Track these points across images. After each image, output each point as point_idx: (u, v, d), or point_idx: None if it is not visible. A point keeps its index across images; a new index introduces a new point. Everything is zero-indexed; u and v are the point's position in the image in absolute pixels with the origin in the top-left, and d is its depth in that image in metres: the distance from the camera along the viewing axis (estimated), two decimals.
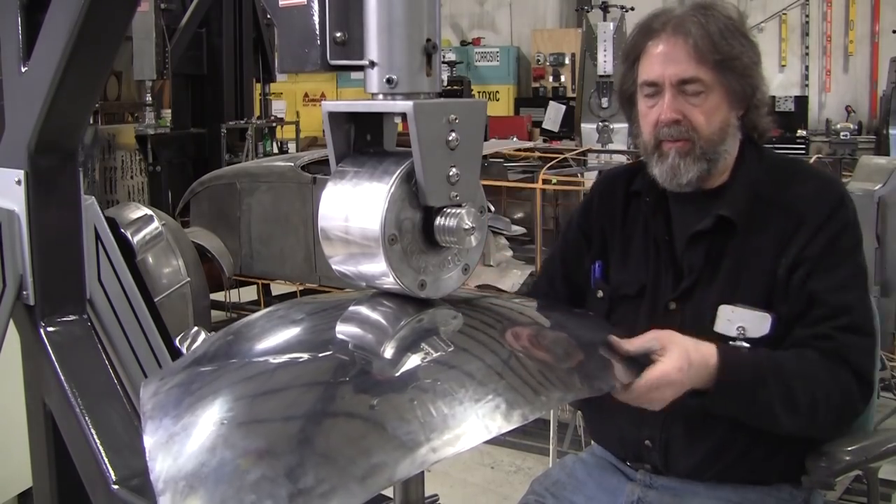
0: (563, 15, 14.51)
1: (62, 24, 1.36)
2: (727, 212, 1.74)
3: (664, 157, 1.76)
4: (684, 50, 1.71)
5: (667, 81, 1.73)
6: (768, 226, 1.73)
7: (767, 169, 1.80)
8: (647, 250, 1.85)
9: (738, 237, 1.74)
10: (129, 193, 7.82)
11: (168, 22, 8.07)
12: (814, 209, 1.71)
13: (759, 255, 1.72)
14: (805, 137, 12.22)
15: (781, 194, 1.75)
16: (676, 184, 1.76)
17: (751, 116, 1.79)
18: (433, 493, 1.29)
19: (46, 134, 1.46)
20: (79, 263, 1.55)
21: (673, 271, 1.80)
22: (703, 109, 1.72)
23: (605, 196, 1.96)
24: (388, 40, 1.07)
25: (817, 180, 1.79)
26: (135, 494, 1.35)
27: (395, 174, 1.09)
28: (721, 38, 1.71)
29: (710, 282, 1.75)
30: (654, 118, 1.76)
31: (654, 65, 1.75)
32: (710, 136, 1.73)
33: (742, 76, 1.73)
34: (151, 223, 1.72)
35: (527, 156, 6.74)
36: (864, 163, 4.62)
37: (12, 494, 2.72)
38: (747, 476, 1.76)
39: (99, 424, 1.43)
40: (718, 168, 1.77)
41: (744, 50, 1.73)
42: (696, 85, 1.72)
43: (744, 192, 1.76)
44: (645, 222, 1.86)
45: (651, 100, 1.77)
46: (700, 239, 1.77)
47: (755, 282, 1.71)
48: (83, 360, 1.51)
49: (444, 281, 1.16)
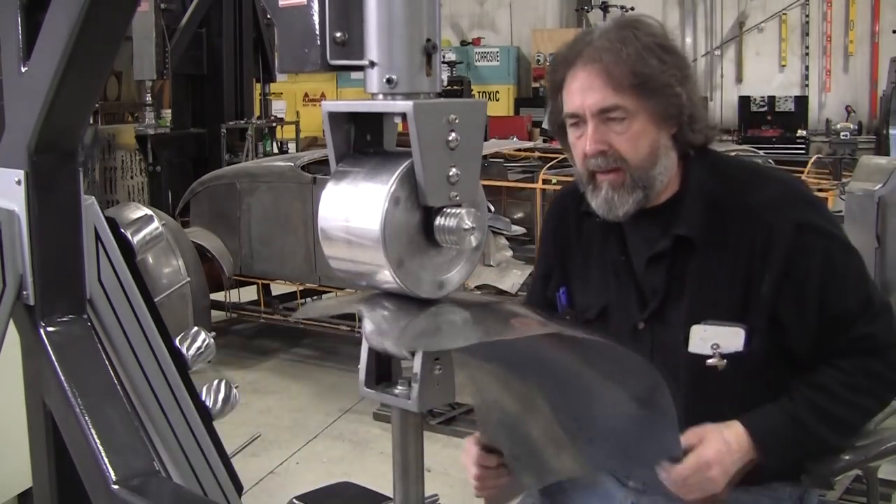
0: (563, 15, 14.52)
1: (62, 24, 1.36)
2: (684, 230, 1.72)
3: (598, 190, 1.73)
4: (600, 79, 1.67)
5: (587, 112, 1.69)
6: (731, 237, 1.70)
7: (720, 177, 1.76)
8: (606, 271, 1.83)
9: (699, 254, 1.72)
10: (129, 193, 7.83)
11: (168, 22, 8.08)
12: (782, 217, 1.68)
13: (728, 269, 1.70)
14: (805, 137, 12.23)
15: (740, 201, 1.72)
16: (614, 216, 1.74)
17: (683, 133, 1.73)
18: (433, 493, 1.29)
19: (46, 134, 1.46)
20: (79, 263, 1.55)
21: (636, 292, 1.79)
22: (627, 136, 1.69)
23: (558, 218, 1.95)
24: (388, 40, 1.07)
25: (777, 183, 1.76)
26: (135, 494, 1.34)
27: (395, 174, 1.09)
28: (638, 60, 1.66)
29: (677, 301, 1.73)
30: (581, 150, 1.73)
31: (573, 95, 1.71)
32: (639, 164, 1.70)
33: (664, 95, 1.68)
34: (151, 223, 1.72)
35: (527, 156, 6.75)
36: (864, 163, 4.62)
37: (12, 494, 2.72)
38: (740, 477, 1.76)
39: (99, 424, 1.42)
40: (656, 190, 1.74)
41: (665, 68, 1.67)
42: (616, 112, 1.68)
43: (698, 206, 1.73)
44: (600, 245, 1.84)
45: (577, 129, 1.74)
46: (659, 260, 1.75)
47: (725, 297, 1.70)
48: (83, 360, 1.51)
49: (444, 281, 1.16)
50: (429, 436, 4.19)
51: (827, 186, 5.14)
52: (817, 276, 1.68)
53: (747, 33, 13.79)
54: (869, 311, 1.70)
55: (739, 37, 13.81)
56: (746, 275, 1.69)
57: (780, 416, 1.68)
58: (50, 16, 1.39)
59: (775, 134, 12.39)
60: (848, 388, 1.68)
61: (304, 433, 4.59)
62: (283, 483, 3.99)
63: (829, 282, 1.69)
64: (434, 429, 4.44)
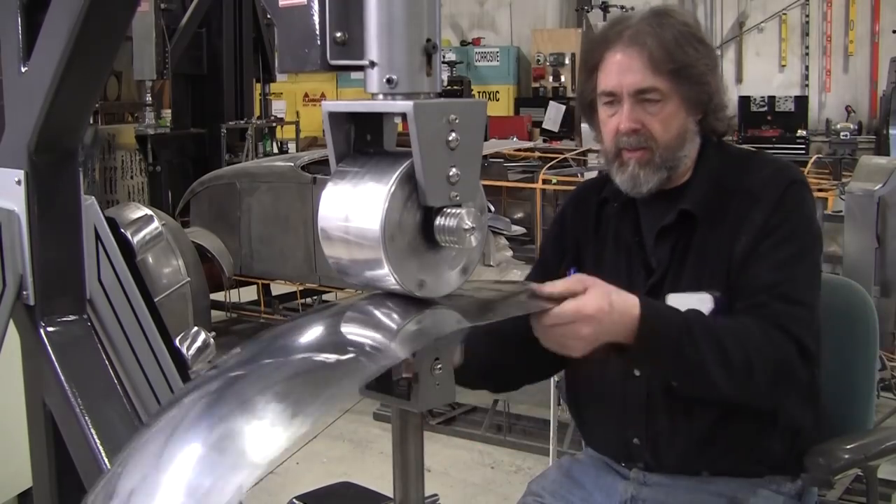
0: (563, 15, 14.51)
1: (62, 24, 1.36)
2: (688, 205, 1.79)
3: (625, 167, 1.79)
4: (640, 60, 1.74)
5: (624, 91, 1.76)
6: (727, 214, 1.77)
7: (727, 161, 1.84)
8: (620, 254, 1.88)
9: (700, 229, 1.78)
10: (129, 193, 7.83)
11: (168, 22, 8.06)
12: (768, 191, 1.75)
13: (719, 242, 1.76)
14: (805, 137, 12.22)
15: (740, 182, 1.80)
16: (637, 192, 1.80)
17: (708, 120, 1.82)
18: (433, 493, 1.29)
19: (46, 134, 1.46)
20: (79, 263, 1.55)
21: (644, 270, 1.83)
22: (660, 118, 1.76)
23: (578, 208, 1.99)
24: (388, 40, 1.07)
25: (774, 165, 1.83)
26: None
27: (395, 174, 1.09)
28: (676, 46, 1.74)
29: (677, 275, 1.78)
30: (613, 127, 1.79)
31: (611, 75, 1.78)
32: (668, 144, 1.77)
33: (697, 83, 1.76)
34: (151, 223, 1.72)
35: (527, 156, 6.75)
36: (864, 163, 4.62)
37: (12, 494, 2.72)
38: (737, 469, 1.77)
39: (99, 424, 1.43)
40: (679, 172, 1.81)
41: (699, 57, 1.76)
42: (653, 94, 1.75)
43: (704, 186, 1.81)
44: (616, 227, 1.90)
45: (610, 108, 1.80)
46: (666, 235, 1.81)
47: (717, 269, 1.74)
48: (83, 360, 1.51)
49: (444, 281, 1.16)
50: (429, 436, 4.19)
51: (827, 186, 5.13)
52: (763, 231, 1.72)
53: (747, 33, 13.79)
54: (775, 291, 1.68)
55: (739, 37, 13.81)
56: (730, 247, 1.74)
57: (676, 315, 1.64)
58: (50, 16, 1.39)
59: (775, 134, 12.38)
60: (746, 332, 1.64)
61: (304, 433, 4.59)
62: (283, 483, 3.99)
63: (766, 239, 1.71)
64: (434, 429, 4.44)
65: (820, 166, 6.23)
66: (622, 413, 1.82)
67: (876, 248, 3.97)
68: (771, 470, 1.79)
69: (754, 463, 1.78)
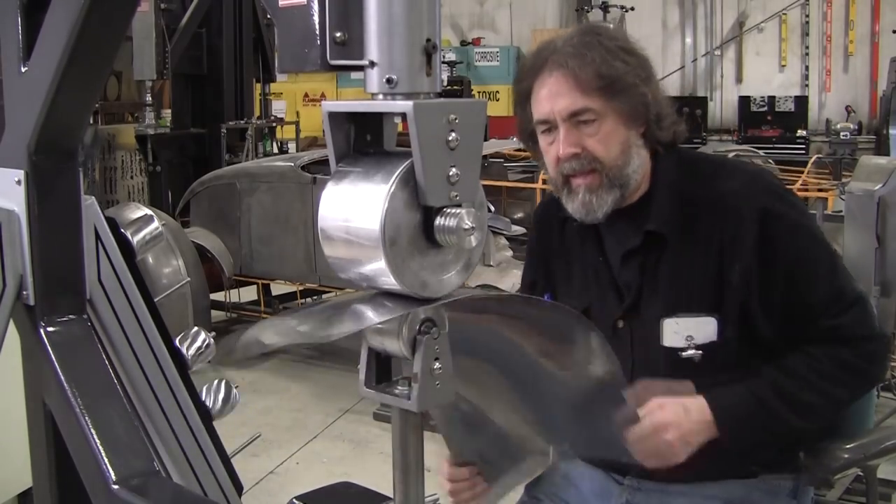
0: (563, 15, 14.52)
1: (62, 24, 1.36)
2: (654, 226, 1.75)
3: (574, 194, 1.76)
4: (567, 83, 1.71)
5: (557, 117, 1.73)
6: (701, 228, 1.73)
7: (687, 171, 1.80)
8: (587, 273, 1.87)
9: (671, 248, 1.75)
10: (129, 193, 7.84)
11: (168, 22, 8.07)
12: (748, 207, 1.71)
13: (700, 261, 1.72)
14: (805, 137, 12.22)
15: (707, 192, 1.75)
16: (593, 218, 1.77)
17: (651, 131, 1.78)
18: (433, 493, 1.29)
19: (46, 134, 1.46)
20: (79, 264, 1.55)
21: (614, 291, 1.82)
22: (598, 138, 1.72)
23: (542, 225, 1.99)
24: (388, 40, 1.07)
25: (742, 174, 1.80)
26: (135, 494, 1.34)
27: (395, 174, 1.09)
28: (602, 62, 1.70)
29: (652, 297, 1.76)
30: (554, 155, 1.76)
31: (542, 102, 1.75)
32: (613, 163, 1.73)
33: (631, 95, 1.73)
34: (151, 223, 1.72)
35: (527, 156, 6.74)
36: (864, 163, 4.63)
37: (12, 494, 2.72)
38: (731, 471, 1.78)
39: (99, 424, 1.42)
40: (631, 188, 1.77)
41: (628, 69, 1.72)
42: (586, 114, 1.72)
43: (667, 201, 1.77)
44: (579, 247, 1.89)
45: (549, 136, 1.77)
46: (632, 256, 1.79)
47: (699, 289, 1.72)
48: (83, 360, 1.51)
49: (444, 281, 1.16)
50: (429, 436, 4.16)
51: (827, 186, 5.14)
52: (783, 265, 1.70)
53: (747, 33, 13.79)
54: (839, 302, 1.70)
55: (739, 37, 13.81)
56: (717, 266, 1.72)
57: (743, 394, 1.68)
58: (50, 16, 1.39)
59: (775, 134, 12.38)
60: (814, 373, 1.68)
61: (303, 433, 4.59)
62: (283, 483, 4.00)
63: (795, 271, 1.70)
64: (434, 429, 4.43)
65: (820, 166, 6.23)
66: None
67: (876, 248, 3.97)
68: (765, 469, 1.79)
69: (748, 463, 1.78)
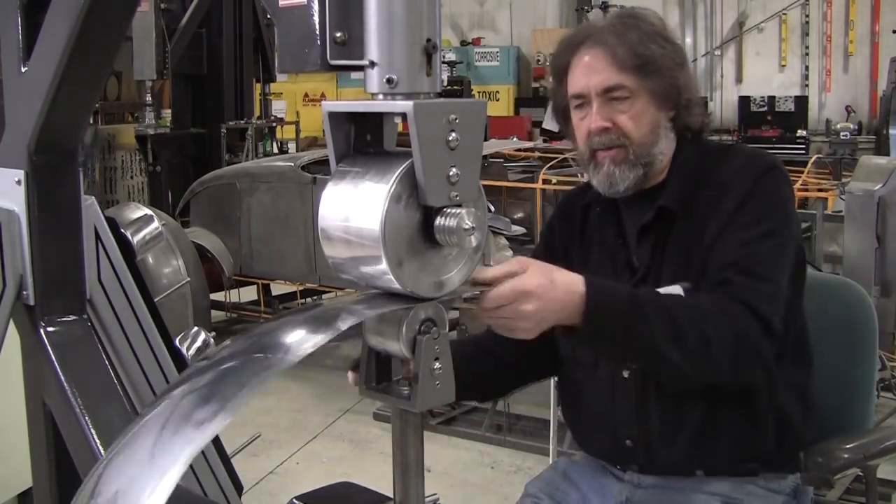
0: (563, 15, 14.51)
1: (62, 24, 1.36)
2: (664, 201, 1.79)
3: (600, 167, 1.80)
4: (604, 59, 1.76)
5: (592, 91, 1.77)
6: (701, 204, 1.77)
7: (703, 157, 1.84)
8: (605, 257, 1.88)
9: (678, 223, 1.78)
10: (129, 193, 7.84)
11: (168, 22, 8.07)
12: (738, 179, 1.74)
13: (699, 235, 1.75)
14: (805, 137, 12.22)
15: (712, 173, 1.79)
16: (614, 191, 1.80)
17: (681, 116, 1.82)
18: (433, 493, 1.29)
19: (46, 134, 1.46)
20: (79, 264, 1.55)
21: (628, 270, 1.83)
22: (630, 114, 1.77)
23: (564, 216, 2.00)
24: (388, 40, 1.07)
25: (746, 155, 1.83)
26: None
27: (395, 174, 1.09)
28: (639, 43, 1.75)
29: (658, 272, 1.78)
30: (585, 129, 1.80)
31: (578, 77, 1.80)
32: (641, 140, 1.77)
33: (664, 77, 1.77)
34: (151, 223, 1.72)
35: (527, 156, 6.76)
36: (864, 163, 4.63)
37: (12, 494, 2.72)
38: (731, 467, 1.77)
39: (99, 424, 1.43)
40: (655, 170, 1.81)
41: (664, 52, 1.77)
42: (620, 91, 1.76)
43: (680, 182, 1.81)
44: (600, 231, 1.90)
45: (581, 111, 1.82)
46: (646, 233, 1.82)
47: (696, 261, 1.73)
48: (83, 360, 1.51)
49: (444, 281, 1.16)
50: (429, 436, 4.19)
51: (827, 186, 5.14)
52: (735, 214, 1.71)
53: (747, 33, 13.78)
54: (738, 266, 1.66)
55: (739, 37, 13.81)
56: (703, 235, 1.74)
57: (622, 290, 1.62)
58: (50, 16, 1.39)
59: (775, 134, 12.37)
60: (697, 308, 1.62)
61: (303, 433, 4.59)
62: (283, 483, 4.00)
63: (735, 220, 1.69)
64: (434, 429, 4.44)
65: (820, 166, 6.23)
66: (613, 415, 1.83)
67: (876, 248, 3.98)
68: (764, 467, 1.79)
69: (747, 460, 1.78)
